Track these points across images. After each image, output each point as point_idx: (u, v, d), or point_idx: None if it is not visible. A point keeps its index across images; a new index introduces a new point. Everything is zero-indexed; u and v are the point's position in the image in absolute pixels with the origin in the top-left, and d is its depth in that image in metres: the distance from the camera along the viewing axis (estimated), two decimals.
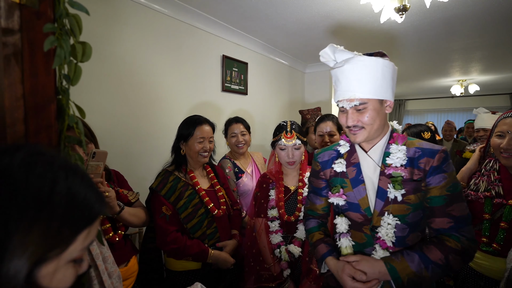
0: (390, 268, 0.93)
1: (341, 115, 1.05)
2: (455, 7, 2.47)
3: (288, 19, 2.72)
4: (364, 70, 0.94)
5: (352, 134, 1.03)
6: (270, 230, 1.50)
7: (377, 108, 0.98)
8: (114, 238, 1.23)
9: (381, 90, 0.96)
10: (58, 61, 0.65)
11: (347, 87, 0.97)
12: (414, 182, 0.97)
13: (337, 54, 0.99)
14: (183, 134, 1.53)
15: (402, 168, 0.98)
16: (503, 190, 1.32)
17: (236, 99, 3.14)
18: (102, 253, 1.10)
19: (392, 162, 0.99)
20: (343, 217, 1.10)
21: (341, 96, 1.00)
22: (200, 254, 1.43)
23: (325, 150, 1.19)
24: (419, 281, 0.91)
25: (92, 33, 1.82)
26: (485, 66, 4.81)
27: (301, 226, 1.48)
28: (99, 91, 1.87)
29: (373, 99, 0.96)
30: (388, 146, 1.03)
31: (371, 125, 0.98)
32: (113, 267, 1.11)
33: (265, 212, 1.53)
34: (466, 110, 8.34)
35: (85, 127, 1.23)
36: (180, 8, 2.38)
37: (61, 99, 0.72)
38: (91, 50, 0.73)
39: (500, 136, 1.32)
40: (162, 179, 1.48)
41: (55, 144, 0.70)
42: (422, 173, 0.97)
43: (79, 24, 0.70)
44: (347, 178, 1.08)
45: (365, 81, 0.95)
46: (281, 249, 1.46)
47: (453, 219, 0.94)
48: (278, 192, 1.53)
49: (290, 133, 1.50)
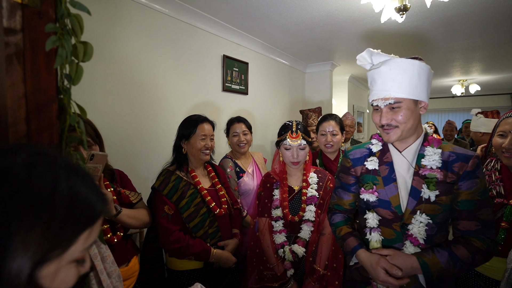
0: (423, 263, 0.96)
1: (375, 114, 1.09)
2: (455, 7, 2.47)
3: (288, 19, 2.73)
4: (400, 71, 0.98)
5: (385, 133, 1.06)
6: (274, 229, 1.49)
7: (411, 108, 1.00)
8: (113, 239, 1.21)
9: (416, 91, 0.99)
10: (60, 60, 0.65)
11: (382, 86, 1.01)
12: (448, 185, 1.02)
13: (374, 57, 1.05)
14: (184, 133, 1.54)
15: (437, 170, 1.02)
16: (504, 190, 1.31)
17: (236, 99, 3.15)
18: (101, 252, 1.10)
19: (428, 164, 1.03)
20: (373, 213, 1.12)
21: (376, 96, 1.03)
22: (203, 253, 1.43)
23: (357, 148, 1.22)
24: (446, 276, 0.96)
25: (93, 33, 1.82)
26: (486, 66, 4.81)
27: (305, 226, 1.48)
28: (100, 91, 1.88)
29: (407, 98, 0.99)
30: (423, 148, 1.07)
31: (404, 123, 1.01)
32: (112, 266, 1.10)
33: (269, 212, 1.52)
34: (467, 110, 8.32)
35: (91, 128, 1.23)
36: (181, 8, 2.38)
37: (63, 98, 0.72)
38: (92, 50, 0.74)
39: (502, 136, 1.32)
40: (164, 179, 1.48)
41: (57, 144, 0.71)
42: (456, 176, 1.01)
43: (81, 24, 0.71)
44: (379, 176, 1.11)
45: (401, 81, 0.98)
46: (285, 249, 1.45)
47: (480, 223, 1.00)
48: (283, 192, 1.52)
49: (296, 133, 1.50)
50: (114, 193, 1.26)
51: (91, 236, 0.47)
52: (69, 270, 0.45)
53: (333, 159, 1.99)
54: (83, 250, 0.46)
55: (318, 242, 1.48)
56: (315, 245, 1.47)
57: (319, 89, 4.58)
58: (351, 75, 5.45)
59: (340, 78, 5.43)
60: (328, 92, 4.52)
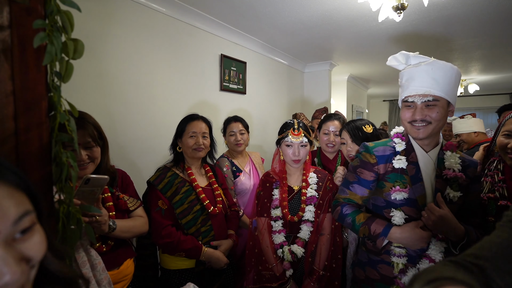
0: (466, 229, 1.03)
1: (406, 110, 1.11)
2: (453, 6, 2.47)
3: (286, 18, 2.72)
4: (442, 72, 1.03)
5: (415, 129, 1.09)
6: (273, 229, 1.48)
7: (445, 108, 1.06)
8: (101, 249, 1.15)
9: (451, 94, 1.06)
10: (49, 57, 0.64)
11: (421, 83, 1.05)
12: (464, 187, 1.11)
13: (412, 58, 1.11)
14: (178, 131, 1.60)
15: (460, 174, 1.09)
16: (507, 192, 1.28)
17: (234, 98, 3.14)
18: (90, 260, 1.06)
19: (451, 168, 1.10)
20: (401, 211, 1.13)
21: (414, 91, 1.06)
22: (193, 250, 1.42)
23: (380, 145, 1.21)
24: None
25: (90, 32, 1.81)
26: (485, 66, 4.81)
27: (305, 226, 1.46)
28: (95, 89, 1.87)
29: (444, 98, 1.05)
30: (441, 153, 1.14)
31: (437, 121, 1.05)
32: (102, 274, 1.07)
33: (268, 212, 1.51)
34: (466, 110, 8.32)
35: (94, 128, 1.19)
36: (178, 7, 2.37)
37: (53, 96, 0.71)
38: (83, 47, 0.72)
39: (508, 136, 1.27)
40: (160, 174, 1.51)
41: (46, 142, 0.70)
42: (469, 180, 1.12)
43: (71, 21, 0.69)
44: (406, 175, 1.12)
45: (441, 81, 1.03)
46: (284, 249, 1.44)
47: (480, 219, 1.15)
48: (282, 192, 1.51)
49: (298, 130, 1.49)
50: (112, 199, 1.22)
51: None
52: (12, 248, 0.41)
53: (331, 158, 1.98)
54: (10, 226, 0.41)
55: (317, 242, 1.47)
56: (315, 246, 1.46)
57: (317, 89, 4.57)
58: (350, 75, 5.44)
59: (339, 78, 5.43)
60: (327, 92, 4.51)
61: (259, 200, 1.55)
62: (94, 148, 1.16)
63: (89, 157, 1.14)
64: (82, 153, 1.12)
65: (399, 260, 1.10)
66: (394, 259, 1.12)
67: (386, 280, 1.15)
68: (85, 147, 1.14)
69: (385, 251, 1.16)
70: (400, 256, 1.10)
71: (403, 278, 1.10)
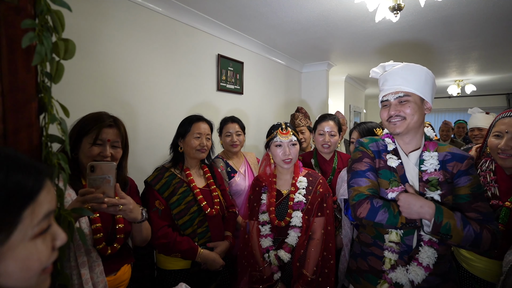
0: (438, 207, 1.00)
1: (383, 110, 1.19)
2: (450, 7, 2.47)
3: (283, 18, 2.71)
4: (410, 71, 1.12)
5: (392, 125, 1.14)
6: (261, 234, 1.48)
7: (418, 103, 1.12)
8: (106, 251, 1.11)
9: (423, 90, 1.11)
10: (38, 58, 0.63)
11: (393, 83, 1.13)
12: (448, 184, 1.08)
13: (387, 66, 1.21)
14: (181, 131, 1.58)
15: (437, 173, 1.09)
16: (499, 192, 1.29)
17: (231, 98, 3.13)
18: (90, 261, 1.05)
19: (427, 169, 1.10)
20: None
21: (387, 91, 1.15)
22: (189, 251, 1.42)
23: (374, 141, 1.26)
24: (451, 234, 0.97)
25: (86, 32, 1.80)
26: (482, 66, 4.82)
27: (292, 232, 1.43)
28: (91, 90, 1.85)
29: (415, 93, 1.11)
30: (422, 154, 1.15)
31: (411, 116, 1.10)
32: (99, 277, 1.05)
33: (257, 216, 1.51)
34: (463, 110, 8.35)
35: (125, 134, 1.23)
36: (175, 7, 2.36)
37: (43, 97, 0.70)
38: (74, 47, 0.71)
39: (498, 137, 1.29)
40: (157, 174, 1.50)
41: (36, 144, 0.68)
42: (449, 175, 1.09)
43: (61, 20, 0.68)
44: (397, 174, 1.16)
45: (410, 78, 1.11)
46: (270, 254, 1.44)
47: (480, 214, 1.04)
48: (270, 197, 1.50)
49: (286, 129, 1.49)
50: None
51: (39, 209, 0.48)
52: (33, 247, 0.47)
53: (328, 159, 1.97)
54: (37, 224, 0.47)
55: (306, 246, 1.43)
56: (303, 250, 1.42)
57: (315, 89, 4.56)
58: (348, 75, 5.45)
59: (336, 78, 5.43)
60: (324, 92, 4.51)
61: (249, 204, 1.55)
62: (119, 149, 1.20)
63: (112, 155, 1.16)
64: (108, 149, 1.14)
65: (391, 256, 1.11)
66: (386, 253, 1.12)
67: (374, 272, 1.17)
68: (112, 146, 1.17)
69: (373, 243, 1.19)
70: (393, 252, 1.11)
71: (390, 274, 1.11)
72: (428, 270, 1.06)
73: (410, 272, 1.08)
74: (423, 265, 1.07)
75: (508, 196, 1.26)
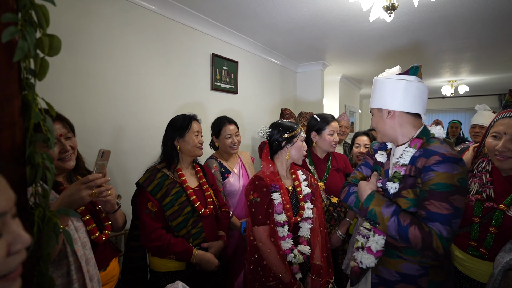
0: (371, 195, 1.15)
1: None
2: (443, 8, 2.48)
3: (278, 18, 2.70)
4: (375, 87, 1.24)
5: None
6: (281, 236, 1.39)
7: (377, 114, 1.24)
8: (101, 238, 1.17)
9: (380, 101, 1.20)
10: (20, 54, 0.61)
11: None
12: (411, 178, 1.11)
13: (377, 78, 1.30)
14: (178, 130, 1.53)
15: (403, 167, 1.14)
16: (494, 194, 1.26)
17: (226, 98, 3.11)
18: (85, 254, 1.06)
19: (398, 162, 1.17)
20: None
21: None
22: (184, 253, 1.40)
23: (377, 142, 1.42)
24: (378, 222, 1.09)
25: (76, 29, 1.76)
26: (475, 67, 4.87)
27: (305, 224, 1.48)
28: (81, 89, 1.82)
29: (374, 108, 1.25)
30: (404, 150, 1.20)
31: (376, 124, 1.25)
32: (94, 269, 1.07)
33: (271, 218, 1.40)
34: (457, 110, 8.44)
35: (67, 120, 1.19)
36: (168, 5, 2.34)
37: (27, 94, 0.68)
38: (60, 44, 0.69)
39: (496, 137, 1.26)
40: (149, 175, 1.47)
41: (20, 142, 0.66)
42: (416, 171, 1.10)
43: (46, 15, 0.66)
44: (383, 168, 1.28)
45: (373, 94, 1.24)
46: (295, 252, 1.39)
47: (426, 212, 1.01)
48: (283, 195, 1.44)
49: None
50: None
51: None
52: None
53: (322, 158, 1.98)
54: None
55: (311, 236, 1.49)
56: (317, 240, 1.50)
57: (310, 89, 4.57)
58: (343, 75, 5.46)
59: (331, 78, 5.44)
60: (319, 92, 4.51)
61: (256, 208, 1.40)
62: (73, 138, 1.18)
63: (71, 147, 1.16)
64: (66, 144, 1.13)
65: (361, 240, 1.25)
66: (358, 237, 1.27)
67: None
68: (66, 138, 1.15)
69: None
70: (363, 236, 1.25)
71: (355, 253, 1.26)
72: (378, 254, 1.17)
73: (362, 256, 1.20)
74: (373, 251, 1.18)
75: (503, 198, 1.24)
